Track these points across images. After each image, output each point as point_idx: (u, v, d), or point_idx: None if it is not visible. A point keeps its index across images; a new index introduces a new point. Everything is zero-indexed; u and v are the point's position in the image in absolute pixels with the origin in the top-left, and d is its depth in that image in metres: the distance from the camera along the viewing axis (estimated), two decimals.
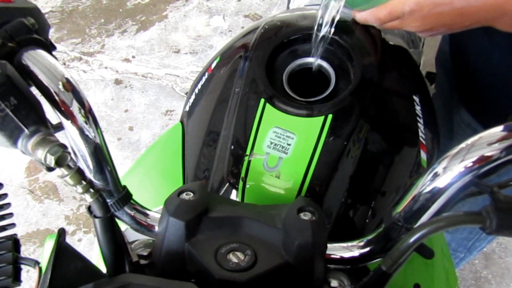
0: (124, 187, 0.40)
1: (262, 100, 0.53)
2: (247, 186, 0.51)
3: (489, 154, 0.33)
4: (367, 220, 0.53)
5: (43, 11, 1.79)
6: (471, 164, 0.33)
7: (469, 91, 0.77)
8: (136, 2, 2.41)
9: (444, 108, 0.93)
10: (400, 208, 0.37)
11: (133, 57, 2.13)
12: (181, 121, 0.64)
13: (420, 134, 0.54)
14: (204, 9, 2.31)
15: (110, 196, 0.39)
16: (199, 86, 0.63)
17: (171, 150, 0.60)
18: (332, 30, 0.54)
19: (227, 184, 0.52)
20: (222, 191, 0.52)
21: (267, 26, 0.59)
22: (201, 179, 0.55)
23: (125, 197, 0.39)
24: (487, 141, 0.33)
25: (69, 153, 0.29)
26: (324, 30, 0.54)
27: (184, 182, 0.57)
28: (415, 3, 0.49)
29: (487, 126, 0.79)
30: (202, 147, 0.57)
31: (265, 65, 0.55)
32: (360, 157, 0.51)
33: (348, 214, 0.51)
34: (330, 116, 0.51)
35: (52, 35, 2.26)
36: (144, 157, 0.61)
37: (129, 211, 0.40)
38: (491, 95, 0.71)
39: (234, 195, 0.52)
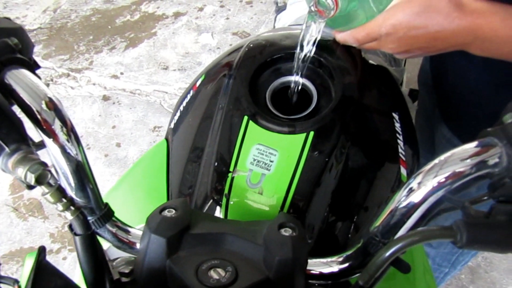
0: (106, 204, 0.41)
1: (246, 118, 0.54)
2: (231, 202, 0.51)
3: (461, 170, 0.34)
4: (349, 235, 0.53)
5: (31, 27, 1.79)
6: (443, 179, 0.35)
7: (449, 108, 0.80)
8: (125, 19, 2.43)
9: (427, 124, 0.95)
10: (378, 223, 0.38)
11: (122, 73, 2.14)
12: (166, 138, 0.64)
13: (400, 150, 0.55)
14: (193, 26, 2.34)
15: (92, 214, 0.39)
16: (184, 103, 0.64)
17: (155, 167, 0.60)
18: (314, 49, 0.56)
19: (211, 201, 0.53)
20: (206, 208, 0.53)
21: (251, 45, 0.61)
22: (185, 196, 0.55)
23: (107, 215, 0.40)
24: (459, 157, 0.35)
25: (50, 171, 0.30)
26: (306, 50, 0.56)
27: (168, 199, 0.57)
28: (391, 26, 0.50)
29: (467, 142, 0.81)
30: (187, 164, 0.57)
31: (249, 83, 0.56)
32: (341, 173, 0.52)
33: (331, 229, 0.52)
34: (311, 133, 0.52)
35: (40, 51, 2.26)
36: (129, 174, 0.61)
37: (111, 228, 0.40)
38: (470, 112, 0.73)
39: (218, 212, 0.52)
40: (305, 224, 0.50)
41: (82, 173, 0.37)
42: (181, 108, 0.64)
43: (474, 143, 0.34)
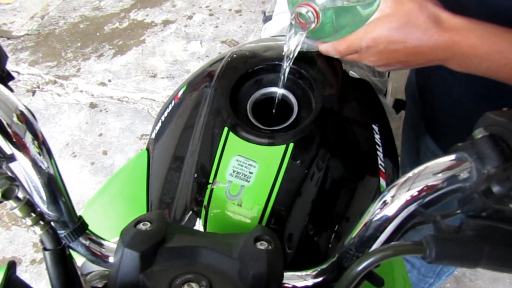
0: (80, 217, 0.40)
1: (226, 129, 0.54)
2: (210, 214, 0.51)
3: (433, 183, 0.34)
4: (330, 246, 0.53)
5: (18, 34, 1.78)
6: (416, 193, 0.35)
7: (433, 120, 0.80)
8: (114, 27, 2.42)
9: (414, 134, 0.96)
10: (353, 235, 0.38)
11: (109, 81, 2.13)
12: (147, 148, 0.64)
13: (380, 162, 0.56)
14: (181, 34, 2.34)
15: (65, 227, 0.38)
16: (165, 113, 0.63)
17: (136, 178, 0.60)
18: (295, 61, 0.56)
19: (191, 212, 0.52)
20: (186, 219, 0.52)
21: (233, 56, 0.61)
22: (165, 207, 0.55)
23: (81, 228, 0.39)
24: (432, 171, 0.35)
25: (18, 186, 0.29)
26: (287, 61, 0.56)
27: (148, 210, 0.57)
28: (371, 39, 0.51)
29: None
30: (167, 175, 0.57)
31: (230, 94, 0.56)
32: (321, 184, 0.52)
33: (311, 241, 0.52)
34: (291, 145, 0.52)
35: (27, 58, 2.24)
36: (109, 185, 0.61)
37: (84, 242, 0.40)
38: (454, 125, 0.74)
39: (198, 223, 0.52)
40: (284, 235, 0.50)
41: (54, 187, 0.36)
42: (163, 118, 0.63)
43: (447, 158, 0.35)
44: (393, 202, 0.36)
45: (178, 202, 0.53)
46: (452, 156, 0.34)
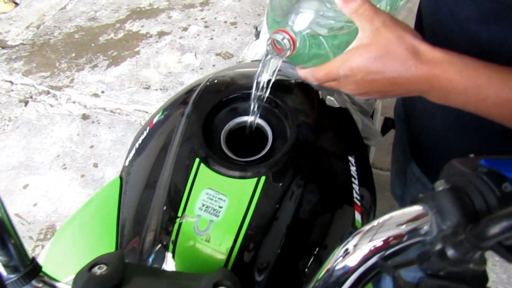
0: (33, 259, 0.38)
1: (197, 160, 0.52)
2: (178, 250, 0.50)
3: (396, 235, 0.33)
4: (301, 284, 0.52)
5: (13, 43, 1.77)
6: (379, 244, 0.33)
7: (418, 146, 0.79)
8: (109, 37, 2.42)
9: (403, 157, 0.95)
10: (318, 278, 0.37)
11: (102, 92, 2.12)
12: (120, 176, 0.63)
13: (355, 195, 0.54)
14: (176, 46, 2.34)
15: (15, 272, 0.37)
16: (140, 140, 0.62)
17: (107, 208, 0.58)
18: (270, 89, 0.55)
19: (159, 247, 0.51)
20: (154, 255, 0.51)
21: (208, 84, 0.60)
22: (134, 241, 0.54)
23: (33, 271, 0.37)
24: (395, 222, 0.34)
25: None
26: (262, 90, 0.55)
27: (117, 243, 0.55)
28: (349, 68, 0.50)
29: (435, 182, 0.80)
30: (138, 206, 0.56)
31: (202, 124, 0.55)
32: (292, 219, 0.51)
33: (280, 280, 0.50)
34: (263, 178, 0.51)
35: (21, 67, 2.23)
36: (78, 215, 0.59)
37: (36, 285, 0.38)
38: (437, 153, 0.72)
39: (166, 259, 0.50)
40: (253, 273, 0.49)
41: (2, 230, 0.35)
42: (137, 145, 0.62)
43: (411, 208, 0.33)
44: (355, 251, 0.34)
45: (147, 236, 0.52)
46: (416, 208, 0.33)
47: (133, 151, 0.62)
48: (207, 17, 2.51)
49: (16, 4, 2.68)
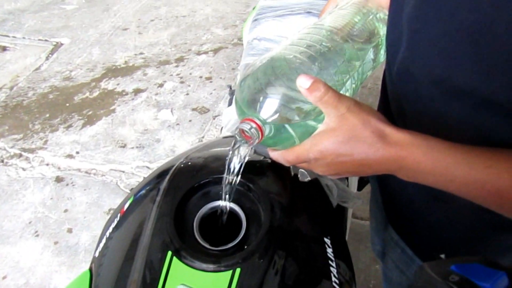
0: None
1: (169, 253, 0.51)
2: None
3: None
4: None
5: None
6: None
7: (393, 210, 0.79)
8: (84, 97, 2.42)
9: (380, 216, 0.95)
10: None
11: (77, 152, 2.09)
12: (90, 269, 0.60)
13: (334, 279, 0.53)
14: (152, 102, 2.35)
15: None
16: (110, 228, 0.60)
17: None
18: (243, 172, 0.55)
19: None
20: None
21: (179, 168, 0.59)
22: None
23: None
24: None
25: None
26: (233, 174, 0.55)
27: None
28: (318, 152, 0.50)
29: (414, 247, 0.79)
30: None
31: (174, 214, 0.54)
32: None
33: None
34: (238, 270, 0.49)
35: None
36: None
37: None
38: (410, 220, 0.72)
39: None
40: None
41: None
42: (107, 234, 0.60)
43: None
44: None
45: None
46: None
47: (104, 240, 0.60)
48: (182, 72, 2.55)
49: None
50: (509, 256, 0.63)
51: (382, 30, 0.65)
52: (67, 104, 2.37)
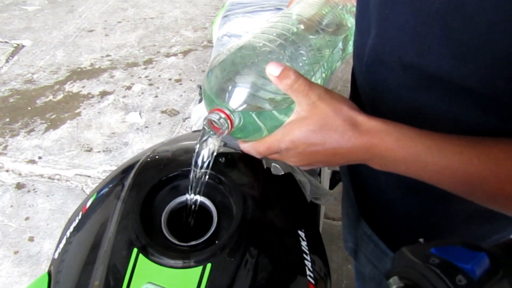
0: None
1: (135, 250, 0.47)
2: None
3: None
4: None
5: None
6: None
7: (365, 204, 0.79)
8: (47, 100, 2.32)
9: (352, 212, 0.94)
10: None
11: (40, 158, 1.99)
12: (49, 272, 0.55)
13: (308, 272, 0.51)
14: (120, 105, 2.28)
15: None
16: (71, 228, 0.56)
17: None
18: (211, 165, 0.52)
19: None
20: None
21: (145, 162, 0.56)
22: None
23: None
24: None
25: None
26: (202, 166, 0.52)
27: None
28: (289, 141, 0.49)
29: (386, 240, 0.78)
30: None
31: (140, 209, 0.50)
32: None
33: None
34: (208, 266, 0.46)
35: None
36: None
37: None
38: (383, 212, 0.72)
39: None
40: None
41: None
42: (68, 234, 0.56)
43: None
44: None
45: None
46: None
47: (63, 241, 0.56)
48: (151, 75, 2.50)
49: None
50: None
51: (350, 22, 0.64)
52: (29, 108, 2.27)
